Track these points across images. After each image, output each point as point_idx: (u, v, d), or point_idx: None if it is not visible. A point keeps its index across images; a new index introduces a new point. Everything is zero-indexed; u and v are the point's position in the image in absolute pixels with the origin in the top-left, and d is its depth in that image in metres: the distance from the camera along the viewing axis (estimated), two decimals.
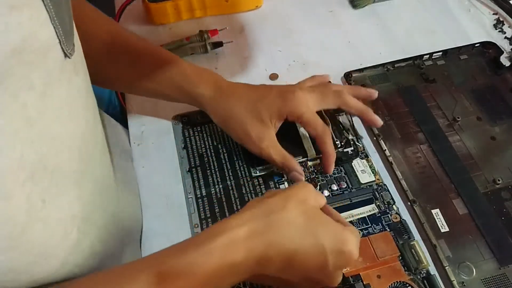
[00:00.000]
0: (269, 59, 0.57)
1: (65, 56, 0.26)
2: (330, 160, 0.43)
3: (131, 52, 0.43)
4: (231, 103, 0.43)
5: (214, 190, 0.43)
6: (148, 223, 0.43)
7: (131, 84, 0.45)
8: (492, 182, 0.44)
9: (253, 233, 0.29)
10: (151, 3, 0.58)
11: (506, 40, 0.58)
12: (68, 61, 0.27)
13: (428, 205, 0.43)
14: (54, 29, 0.24)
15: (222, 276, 0.29)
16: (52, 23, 0.24)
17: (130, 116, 0.51)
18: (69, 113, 0.28)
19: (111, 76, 0.44)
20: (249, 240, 0.29)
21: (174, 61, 0.43)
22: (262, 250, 0.29)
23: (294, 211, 0.31)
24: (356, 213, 0.42)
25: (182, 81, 0.43)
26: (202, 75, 0.43)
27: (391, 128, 0.49)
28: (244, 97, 0.43)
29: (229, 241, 0.29)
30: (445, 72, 0.54)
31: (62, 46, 0.26)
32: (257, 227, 0.30)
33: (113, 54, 0.43)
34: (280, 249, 0.30)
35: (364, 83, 0.53)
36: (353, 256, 0.32)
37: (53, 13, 0.24)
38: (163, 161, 0.47)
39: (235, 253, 0.29)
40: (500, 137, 0.48)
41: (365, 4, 0.62)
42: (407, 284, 0.37)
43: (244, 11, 0.62)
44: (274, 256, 0.30)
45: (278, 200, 0.32)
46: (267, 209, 0.31)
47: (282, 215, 0.31)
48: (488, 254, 0.40)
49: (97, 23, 0.43)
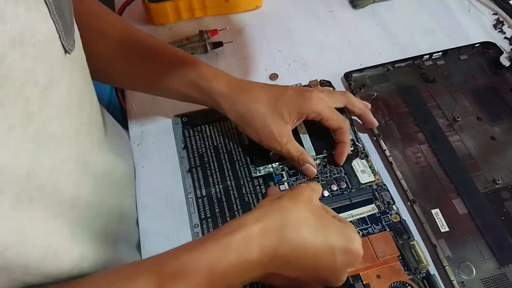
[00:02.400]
0: (269, 59, 0.57)
1: (65, 52, 0.26)
2: (346, 148, 0.44)
3: (146, 50, 0.43)
4: (249, 100, 0.43)
5: (214, 190, 0.43)
6: (148, 223, 0.43)
7: (146, 82, 0.45)
8: (492, 182, 0.44)
9: (267, 230, 0.30)
10: (151, 3, 0.58)
11: (506, 40, 0.58)
12: (68, 57, 0.27)
13: (428, 205, 0.43)
14: (54, 24, 0.24)
15: (236, 273, 0.29)
16: (52, 17, 0.24)
17: (130, 116, 0.51)
18: (67, 111, 0.28)
19: (125, 75, 0.44)
20: (263, 236, 0.30)
21: (189, 59, 0.43)
22: (275, 246, 0.30)
23: (303, 210, 0.32)
24: (356, 213, 0.42)
25: (198, 78, 0.43)
26: (217, 73, 0.44)
27: (391, 128, 0.49)
28: (263, 95, 0.43)
29: (245, 238, 0.29)
30: (445, 72, 0.54)
31: (62, 42, 0.26)
32: (271, 224, 0.30)
33: (126, 52, 0.43)
34: (292, 246, 0.30)
35: (364, 83, 0.53)
36: (360, 253, 0.33)
37: (53, 8, 0.24)
38: (163, 161, 0.47)
39: (250, 249, 0.29)
40: (500, 137, 0.48)
41: (365, 4, 0.62)
42: (407, 284, 0.37)
43: (244, 11, 0.62)
44: (286, 252, 0.30)
45: (287, 200, 0.32)
46: (279, 207, 0.32)
47: (294, 213, 0.31)
48: (488, 254, 0.40)
49: (108, 20, 0.43)
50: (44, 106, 0.25)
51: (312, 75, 0.53)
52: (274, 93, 0.43)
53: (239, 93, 0.43)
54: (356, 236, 0.33)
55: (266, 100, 0.43)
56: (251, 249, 0.29)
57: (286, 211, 0.31)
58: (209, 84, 0.43)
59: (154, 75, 0.44)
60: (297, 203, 0.32)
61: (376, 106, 0.50)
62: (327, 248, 0.31)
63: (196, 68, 0.43)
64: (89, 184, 0.33)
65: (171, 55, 0.43)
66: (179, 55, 0.44)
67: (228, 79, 0.44)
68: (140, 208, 0.44)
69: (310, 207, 0.33)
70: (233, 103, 0.43)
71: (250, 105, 0.43)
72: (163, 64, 0.43)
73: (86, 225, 0.33)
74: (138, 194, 0.45)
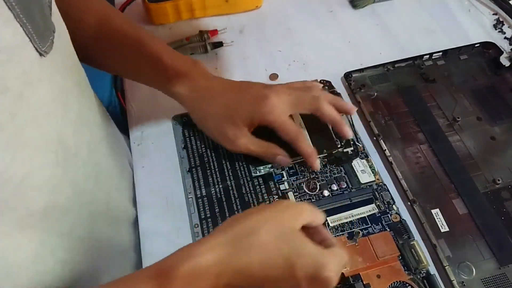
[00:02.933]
0: (269, 59, 0.57)
1: (40, 55, 0.26)
2: (311, 159, 0.42)
3: (117, 41, 0.43)
4: (206, 103, 0.43)
5: (214, 190, 0.43)
6: (148, 223, 0.43)
7: (117, 71, 0.47)
8: (492, 182, 0.44)
9: (221, 260, 0.28)
10: (151, 3, 0.58)
11: (506, 40, 0.58)
12: (45, 59, 0.26)
13: (428, 205, 0.43)
14: (21, 27, 0.23)
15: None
16: (18, 21, 0.23)
17: (130, 116, 0.51)
18: (48, 114, 0.27)
19: (100, 62, 0.45)
20: (216, 266, 0.28)
21: (155, 55, 0.42)
22: (230, 277, 0.28)
23: (266, 235, 0.29)
24: (356, 213, 0.42)
25: (161, 77, 0.43)
26: (180, 74, 0.43)
27: (391, 128, 0.49)
28: (218, 99, 0.42)
29: (194, 268, 0.27)
30: (445, 72, 0.54)
31: (35, 45, 0.25)
32: (225, 254, 0.28)
33: (100, 41, 0.43)
34: (249, 275, 0.29)
35: (364, 83, 0.53)
36: (331, 282, 0.30)
37: (18, 12, 0.23)
38: (163, 161, 0.47)
39: (201, 280, 0.28)
40: (500, 137, 0.48)
41: (365, 4, 0.62)
42: (407, 284, 0.37)
43: (244, 11, 0.62)
44: (242, 283, 0.29)
45: (252, 222, 0.30)
46: (238, 233, 0.29)
47: (253, 240, 0.29)
48: (488, 254, 0.40)
49: (87, 7, 0.42)
50: (18, 112, 0.24)
51: (312, 75, 0.53)
52: (230, 97, 0.42)
53: (199, 96, 0.43)
54: (330, 263, 0.30)
55: (220, 104, 0.42)
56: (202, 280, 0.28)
57: (244, 239, 0.29)
58: (170, 86, 0.43)
59: (122, 66, 0.45)
60: (262, 226, 0.29)
61: (376, 106, 0.50)
62: (289, 276, 0.29)
63: (160, 66, 0.43)
64: (69, 190, 0.31)
65: (139, 48, 0.43)
66: (146, 50, 0.43)
67: (191, 82, 0.43)
68: (140, 208, 0.44)
69: (278, 230, 0.30)
70: (192, 105, 0.44)
71: (207, 108, 0.43)
72: (130, 58, 0.44)
73: (64, 232, 0.32)
74: (138, 194, 0.45)
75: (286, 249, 0.29)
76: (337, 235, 0.40)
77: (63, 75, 0.30)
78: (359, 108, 0.50)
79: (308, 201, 0.42)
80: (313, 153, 0.42)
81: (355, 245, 0.39)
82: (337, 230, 0.41)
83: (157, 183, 0.45)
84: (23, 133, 0.25)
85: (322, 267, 0.29)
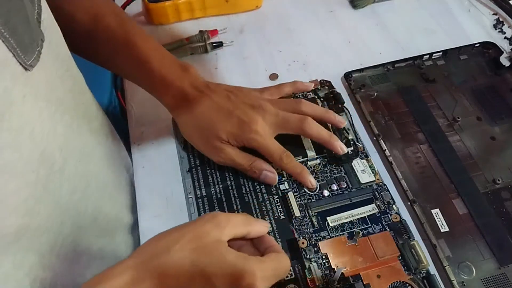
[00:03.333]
0: (269, 59, 0.57)
1: (25, 69, 0.24)
2: (300, 178, 0.42)
3: (108, 41, 0.42)
4: (191, 118, 0.42)
5: (214, 190, 0.43)
6: (148, 223, 0.43)
7: (110, 70, 0.47)
8: (492, 182, 0.44)
9: (134, 281, 0.27)
10: (151, 3, 0.58)
11: (506, 40, 0.58)
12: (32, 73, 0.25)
13: (428, 205, 0.43)
14: (3, 43, 0.22)
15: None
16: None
17: (130, 116, 0.51)
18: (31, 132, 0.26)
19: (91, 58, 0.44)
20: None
21: (144, 60, 0.42)
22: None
23: (180, 252, 0.28)
24: (356, 213, 0.42)
25: (149, 87, 0.43)
26: (167, 83, 0.42)
27: (391, 128, 0.49)
28: (204, 118, 0.42)
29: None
30: (445, 72, 0.54)
31: (19, 60, 0.23)
32: (139, 275, 0.27)
33: (92, 39, 0.42)
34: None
35: (364, 83, 0.53)
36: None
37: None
38: (163, 161, 0.47)
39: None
40: (500, 137, 0.48)
41: (365, 4, 0.62)
42: (407, 284, 0.37)
43: (244, 11, 0.62)
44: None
45: (166, 241, 0.29)
46: (152, 253, 0.28)
47: (166, 259, 0.28)
48: (488, 254, 0.40)
49: (79, 5, 0.41)
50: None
51: (312, 75, 0.53)
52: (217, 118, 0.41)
53: (184, 110, 0.43)
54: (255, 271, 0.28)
55: (207, 122, 0.41)
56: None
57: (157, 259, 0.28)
58: (157, 96, 0.44)
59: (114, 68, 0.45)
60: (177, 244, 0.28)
61: (376, 106, 0.50)
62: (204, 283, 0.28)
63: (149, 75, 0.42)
64: (48, 208, 0.30)
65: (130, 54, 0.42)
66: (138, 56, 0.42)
67: (178, 92, 0.42)
68: (140, 208, 0.44)
69: (195, 244, 0.28)
70: (178, 117, 0.44)
71: (193, 121, 0.42)
72: (120, 63, 0.43)
73: (43, 250, 0.31)
74: (138, 194, 0.45)
75: (202, 263, 0.28)
76: (337, 235, 0.40)
77: (53, 86, 0.28)
78: (359, 108, 0.50)
79: (308, 201, 0.42)
80: (302, 172, 0.42)
81: (355, 245, 0.39)
82: (337, 230, 0.41)
83: (157, 183, 0.46)
84: (1, 158, 0.23)
85: (242, 275, 0.28)
